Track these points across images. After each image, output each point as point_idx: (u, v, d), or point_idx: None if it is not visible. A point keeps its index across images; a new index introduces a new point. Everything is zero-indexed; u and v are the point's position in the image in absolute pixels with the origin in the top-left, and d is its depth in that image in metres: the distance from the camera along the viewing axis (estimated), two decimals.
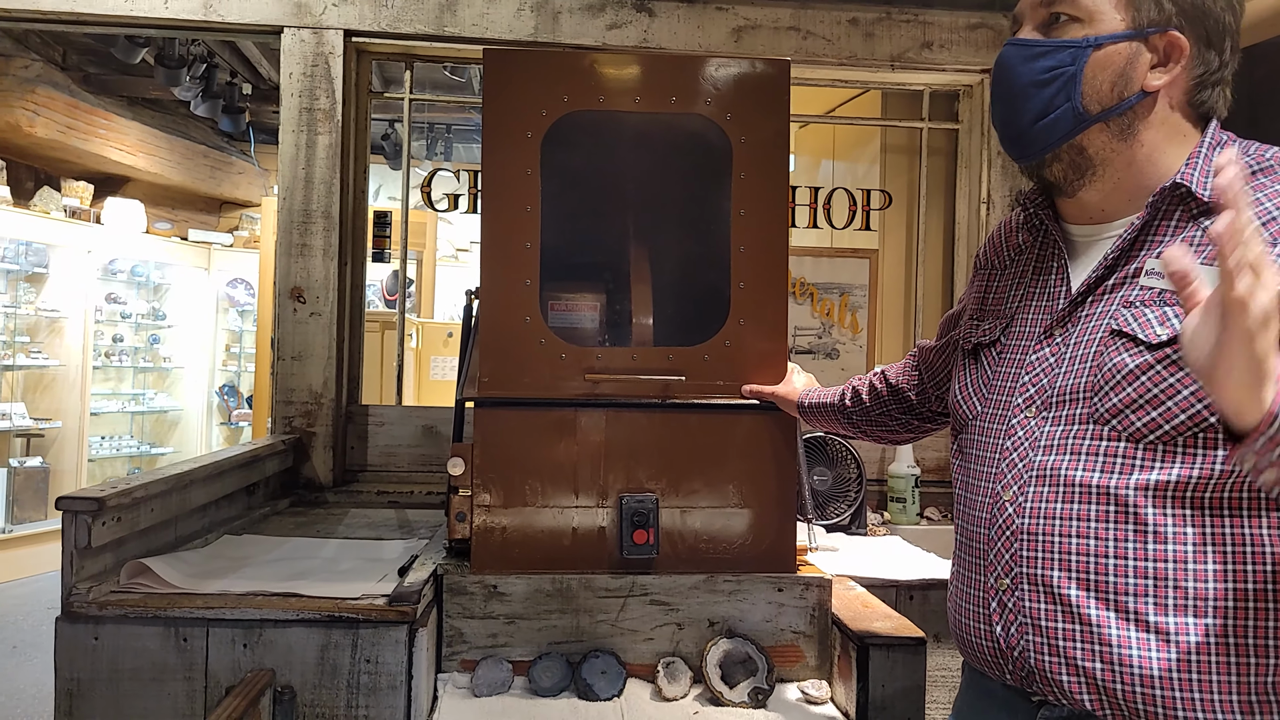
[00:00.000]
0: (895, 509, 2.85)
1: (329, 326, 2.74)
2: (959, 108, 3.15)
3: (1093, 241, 1.20)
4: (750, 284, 1.84)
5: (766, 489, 1.83)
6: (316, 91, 2.75)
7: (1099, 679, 1.06)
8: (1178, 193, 1.11)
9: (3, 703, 3.88)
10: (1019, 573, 1.12)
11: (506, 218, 1.80)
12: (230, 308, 8.32)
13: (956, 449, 1.32)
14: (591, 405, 1.81)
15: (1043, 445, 1.13)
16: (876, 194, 3.18)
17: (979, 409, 1.26)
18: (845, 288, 3.16)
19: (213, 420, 8.25)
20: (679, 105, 1.84)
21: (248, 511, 2.36)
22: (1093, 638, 1.06)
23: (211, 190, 8.61)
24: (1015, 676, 1.14)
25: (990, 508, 1.17)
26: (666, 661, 1.74)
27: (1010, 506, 1.14)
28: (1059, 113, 1.14)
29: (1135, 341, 1.07)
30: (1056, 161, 1.17)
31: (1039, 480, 1.12)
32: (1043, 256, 1.27)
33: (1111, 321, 1.10)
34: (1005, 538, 1.14)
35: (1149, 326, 1.06)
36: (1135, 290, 1.10)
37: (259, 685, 1.47)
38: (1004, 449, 1.18)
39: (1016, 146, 1.20)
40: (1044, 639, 1.10)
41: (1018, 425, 1.17)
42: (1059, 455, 1.11)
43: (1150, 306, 1.08)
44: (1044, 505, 1.11)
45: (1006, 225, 1.37)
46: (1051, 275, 1.23)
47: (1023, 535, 1.12)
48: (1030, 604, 1.11)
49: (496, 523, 1.78)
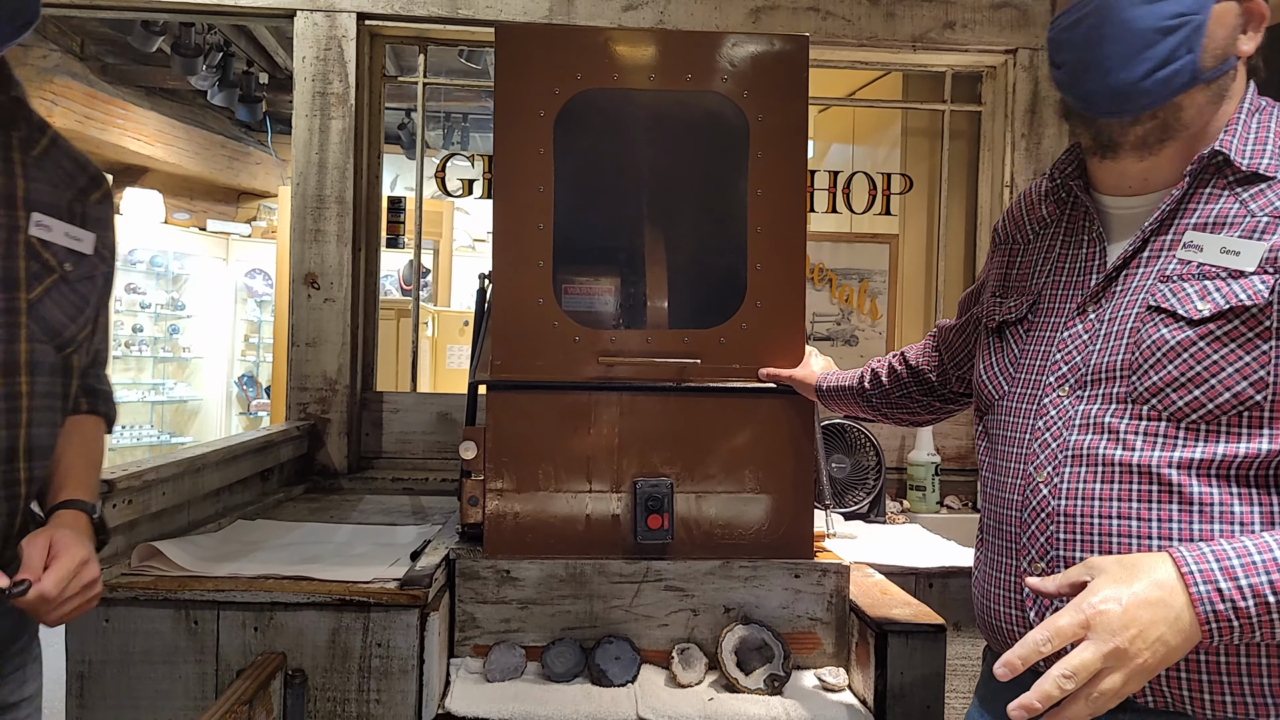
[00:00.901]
0: (915, 497, 2.81)
1: (343, 313, 2.73)
2: (982, 90, 3.09)
3: (1127, 213, 1.15)
4: (767, 265, 1.80)
5: (783, 474, 1.80)
6: (330, 75, 2.73)
7: None
8: (1215, 160, 1.07)
9: None
10: (1055, 556, 1.08)
11: (519, 198, 1.77)
12: (249, 298, 8.35)
13: (982, 430, 1.28)
14: (605, 389, 1.78)
15: (1077, 424, 1.09)
16: (897, 178, 3.13)
17: (1006, 388, 1.22)
18: (865, 273, 3.11)
19: (232, 410, 8.30)
20: (695, 83, 1.81)
21: (262, 497, 2.36)
22: None
23: (229, 180, 8.63)
24: (1049, 662, 1.10)
25: (1023, 489, 1.13)
26: (681, 648, 1.72)
27: (1045, 488, 1.10)
28: (1179, 65, 1.04)
29: (1175, 317, 1.03)
30: (1151, 120, 1.08)
31: (1075, 460, 1.08)
32: (1072, 229, 1.22)
33: (1149, 297, 1.06)
34: (1040, 520, 1.10)
35: (1189, 301, 1.03)
36: (1172, 263, 1.06)
37: (269, 668, 1.46)
38: (1035, 429, 1.13)
39: (1116, 100, 1.07)
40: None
41: (1050, 404, 1.13)
42: (1095, 434, 1.07)
43: (1189, 281, 1.04)
44: (1081, 485, 1.07)
45: (1028, 197, 1.32)
46: (1084, 249, 1.18)
47: (1059, 517, 1.08)
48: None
49: (509, 507, 1.76)
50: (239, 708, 1.31)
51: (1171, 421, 1.03)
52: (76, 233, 1.34)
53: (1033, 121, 2.91)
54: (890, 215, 3.13)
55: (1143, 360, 1.04)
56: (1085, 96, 1.11)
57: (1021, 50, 2.90)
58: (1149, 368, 1.04)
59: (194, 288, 8.09)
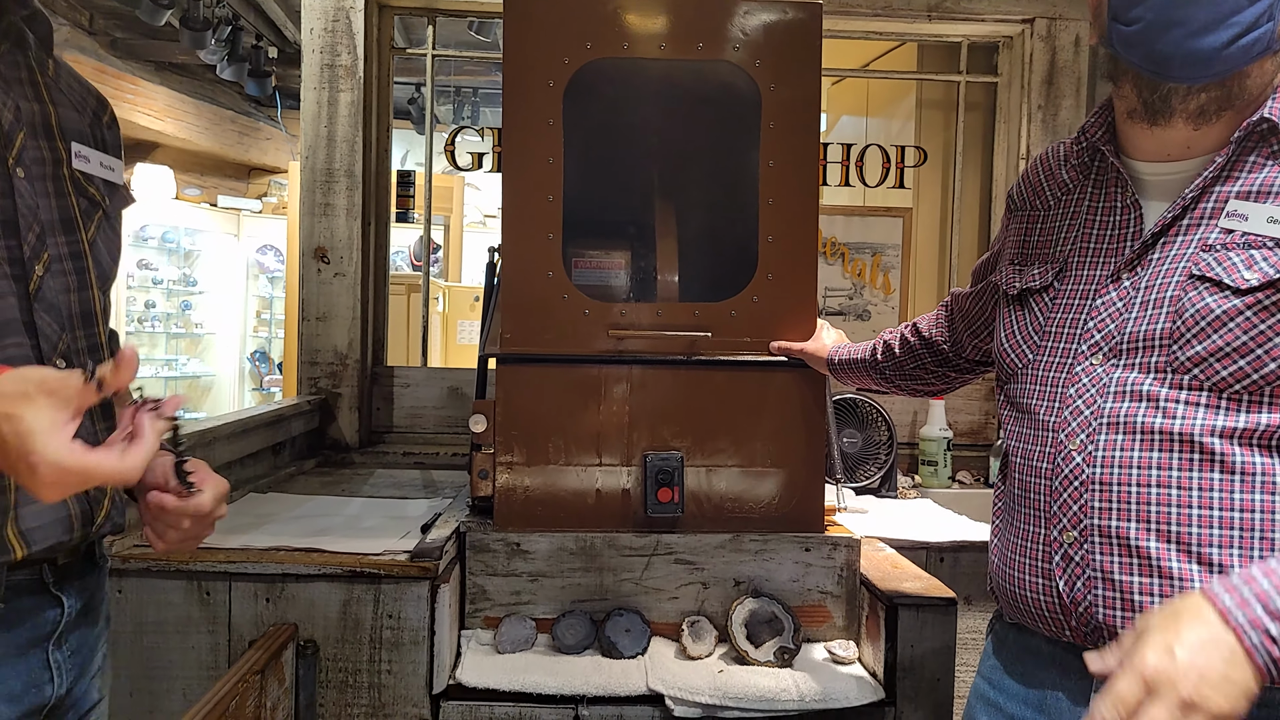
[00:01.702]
0: (926, 472, 2.80)
1: (353, 287, 2.72)
2: (998, 60, 3.05)
3: (1164, 180, 1.12)
4: (779, 238, 1.79)
5: (794, 448, 1.79)
6: (338, 47, 2.71)
7: None
8: (1261, 128, 1.04)
9: None
10: (1088, 524, 1.07)
11: (528, 170, 1.76)
12: (260, 274, 8.36)
13: (1005, 400, 1.25)
14: (615, 362, 1.77)
15: (1113, 392, 1.07)
16: (911, 151, 3.09)
17: (1030, 357, 1.19)
18: (877, 247, 3.09)
19: (245, 386, 8.33)
20: (706, 52, 1.78)
21: (274, 470, 2.36)
22: (1172, 590, 1.01)
23: (240, 156, 8.62)
24: (1077, 633, 1.09)
25: (1052, 458, 1.11)
26: (691, 620, 1.72)
27: (1079, 456, 1.08)
28: (1260, 32, 1.01)
29: (1220, 286, 1.00)
30: (1218, 89, 1.04)
31: (1111, 428, 1.06)
32: (1100, 195, 1.18)
33: (1191, 265, 1.03)
34: (1073, 488, 1.08)
35: (1235, 271, 1.00)
36: (1215, 232, 1.04)
37: (281, 639, 1.46)
38: (1066, 396, 1.11)
39: (1193, 65, 1.02)
40: (1117, 593, 1.05)
41: (1082, 372, 1.10)
42: (1133, 402, 1.05)
43: (1234, 250, 1.01)
44: (1118, 454, 1.05)
45: (1045, 162, 1.28)
46: (1115, 215, 1.15)
47: (1094, 485, 1.06)
48: (1101, 557, 1.06)
49: (519, 480, 1.76)
50: (251, 677, 1.32)
51: (1214, 391, 1.01)
52: (109, 161, 1.21)
53: (1050, 93, 2.87)
54: (904, 188, 3.09)
55: (1185, 330, 1.02)
56: (1159, 58, 1.04)
57: (1039, 20, 2.85)
58: (1192, 337, 1.02)
59: (206, 264, 8.09)
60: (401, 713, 1.55)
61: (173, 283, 7.76)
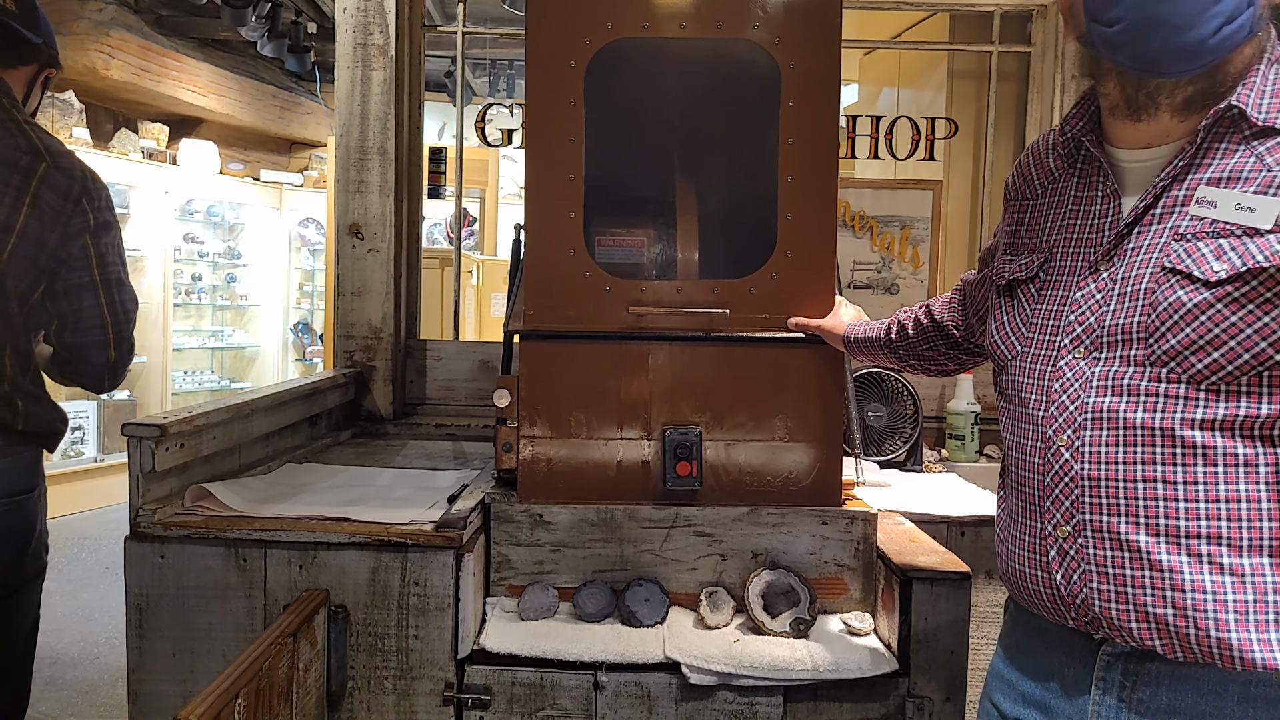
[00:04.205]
0: (954, 446, 2.80)
1: (387, 262, 2.78)
2: (1031, 30, 3.00)
3: (1139, 167, 1.12)
4: (798, 215, 1.80)
5: (812, 422, 1.82)
6: (370, 26, 2.75)
7: (1170, 624, 1.02)
8: (1230, 114, 1.04)
9: (98, 619, 4.14)
10: (1081, 520, 1.08)
11: (550, 150, 1.79)
12: (302, 247, 8.51)
13: (999, 391, 1.27)
14: (636, 338, 1.81)
15: (1095, 386, 1.08)
16: (942, 122, 3.07)
17: (1019, 349, 1.20)
18: (907, 220, 3.07)
19: (288, 356, 8.52)
20: (726, 30, 1.79)
21: (310, 441, 2.44)
22: (1164, 583, 1.03)
23: (281, 131, 8.75)
24: (1078, 622, 1.11)
25: (1043, 453, 1.12)
26: (710, 591, 1.76)
27: (1066, 452, 1.09)
28: (1242, 20, 1.00)
29: (1191, 279, 1.01)
30: (1206, 80, 1.03)
31: (1095, 423, 1.07)
32: (1083, 185, 1.18)
33: (1163, 257, 1.04)
34: (1063, 485, 1.10)
35: (1205, 262, 1.00)
36: (1185, 220, 1.04)
37: (313, 604, 1.53)
38: (1052, 391, 1.12)
39: (1181, 59, 1.01)
40: (1110, 586, 1.06)
41: (1065, 366, 1.11)
42: (1114, 397, 1.06)
43: (1203, 239, 1.01)
44: (1103, 450, 1.06)
45: (1036, 152, 1.29)
46: (1095, 205, 1.15)
47: (1083, 481, 1.08)
48: (1095, 551, 1.07)
49: (542, 453, 1.81)
50: (284, 640, 1.39)
51: (1191, 383, 1.02)
52: None
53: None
54: (934, 161, 3.07)
55: (1159, 323, 1.03)
56: (1146, 57, 1.02)
57: None
58: (1166, 331, 1.02)
59: (249, 237, 8.26)
60: (428, 676, 1.62)
61: (218, 255, 7.93)
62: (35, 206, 1.74)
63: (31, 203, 1.74)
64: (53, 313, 1.83)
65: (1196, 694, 1.04)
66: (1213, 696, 1.03)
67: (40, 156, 1.77)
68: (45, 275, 1.79)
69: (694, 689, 1.62)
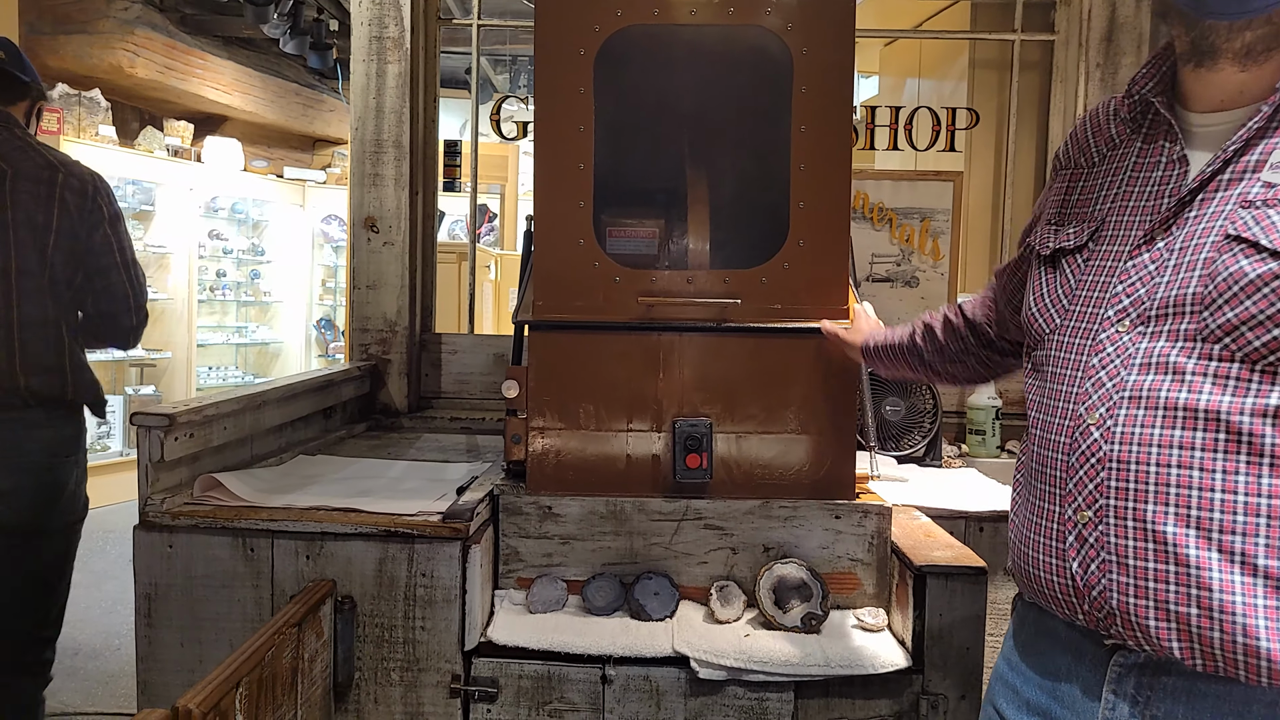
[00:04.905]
0: (974, 441, 2.76)
1: (401, 256, 2.78)
2: (1055, 17, 2.95)
3: (1209, 131, 1.04)
4: (811, 204, 1.77)
5: (825, 415, 1.79)
6: (385, 19, 2.75)
7: (1193, 625, 0.94)
8: None
9: (120, 611, 4.18)
10: (1104, 505, 1.00)
11: (559, 139, 1.77)
12: (325, 243, 8.55)
13: (1031, 367, 1.18)
14: (646, 329, 1.79)
15: (1138, 364, 0.99)
16: (963, 113, 3.02)
17: (1058, 321, 1.11)
18: (927, 212, 3.02)
19: (311, 352, 8.57)
20: (737, 17, 1.77)
21: (324, 434, 2.44)
22: (1189, 579, 0.94)
23: (304, 128, 8.80)
24: (1090, 617, 1.03)
25: (1071, 431, 1.04)
26: (720, 585, 1.74)
27: (1096, 431, 1.01)
28: None
29: (1257, 248, 0.93)
30: (1265, 26, 0.97)
31: (1132, 402, 0.98)
32: (1148, 150, 1.10)
33: (1228, 224, 0.96)
34: (1089, 466, 1.01)
35: (1274, 230, 0.92)
36: (1256, 187, 0.96)
37: (319, 594, 1.53)
38: (1089, 367, 1.04)
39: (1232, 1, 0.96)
40: (1130, 578, 0.98)
41: (1107, 340, 1.03)
42: (1158, 375, 0.98)
43: (1275, 207, 0.93)
44: (1138, 430, 0.98)
45: (1094, 118, 1.21)
46: (1159, 171, 1.06)
47: (1111, 463, 0.99)
48: (1116, 539, 0.98)
49: (551, 445, 1.80)
50: (288, 630, 1.38)
51: (1245, 363, 0.94)
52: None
53: (1109, 50, 2.77)
54: (955, 151, 3.03)
55: (1217, 295, 0.95)
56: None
57: None
58: (1224, 303, 0.94)
59: (273, 234, 8.31)
60: (435, 667, 1.61)
61: (242, 252, 7.99)
62: (63, 208, 2.15)
63: (60, 206, 2.14)
64: (86, 289, 2.22)
65: (1216, 713, 0.96)
66: (1234, 718, 0.95)
67: (56, 169, 2.17)
68: (80, 260, 2.19)
69: (703, 684, 1.60)
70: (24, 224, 2.09)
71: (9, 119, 2.21)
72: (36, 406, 2.12)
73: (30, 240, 2.10)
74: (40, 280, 2.12)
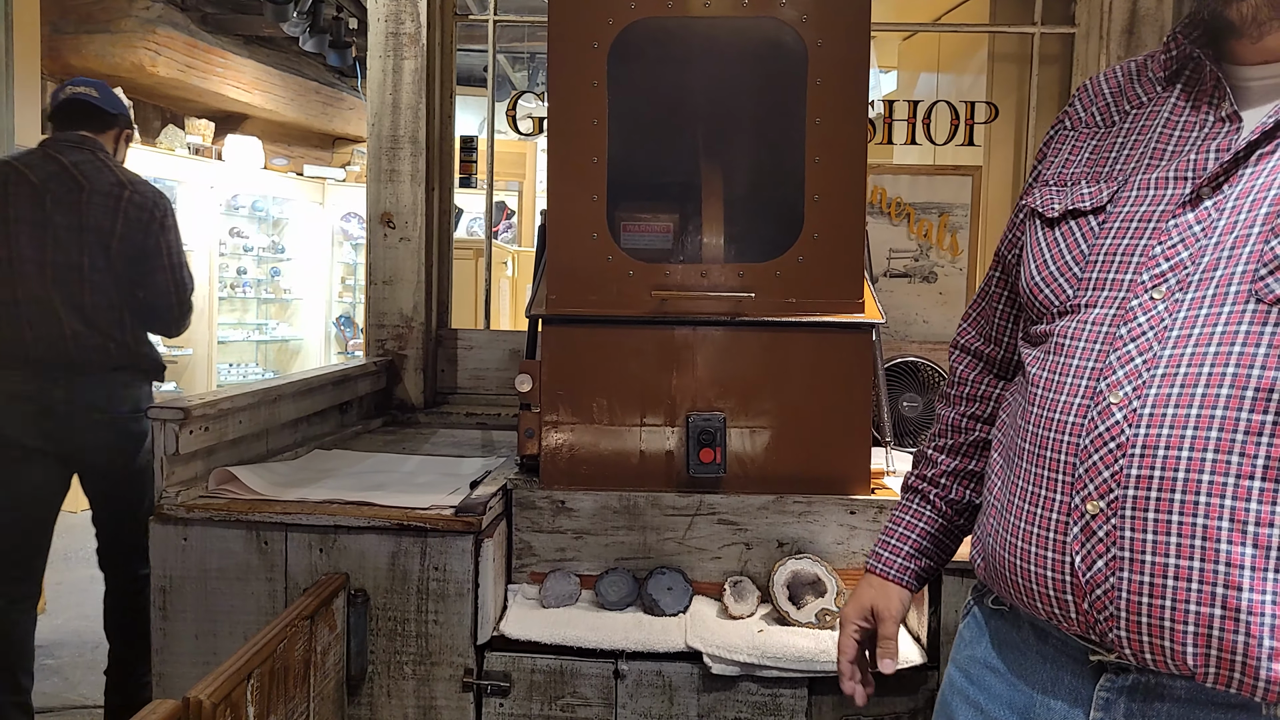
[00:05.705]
0: None
1: (418, 251, 2.78)
2: (1075, 9, 2.91)
3: (1261, 85, 0.95)
4: (826, 197, 1.76)
5: (840, 410, 1.78)
6: (402, 15, 2.75)
7: (1216, 630, 0.83)
8: None
9: None
10: (1120, 496, 0.88)
11: (573, 132, 1.76)
12: (345, 241, 8.59)
13: (1027, 342, 1.07)
14: (659, 323, 1.78)
15: (1175, 335, 0.88)
16: (982, 107, 2.99)
17: (1070, 291, 1.00)
18: (945, 207, 3.00)
19: (331, 349, 8.62)
20: (752, 9, 1.76)
21: (341, 428, 2.45)
22: (1215, 577, 0.83)
23: (324, 126, 8.84)
24: (1083, 621, 0.91)
25: (1084, 411, 0.92)
26: (734, 580, 1.73)
27: (1119, 411, 0.89)
28: None
29: None
30: None
31: (1166, 380, 0.87)
32: (1183, 109, 1.01)
33: None
34: (1106, 450, 0.89)
35: None
36: None
37: (332, 587, 1.53)
38: (1116, 338, 0.92)
39: None
40: (1145, 576, 0.86)
41: (1139, 309, 0.92)
42: (1200, 347, 0.87)
43: None
44: (1172, 412, 0.86)
45: (1114, 77, 1.10)
46: (1204, 129, 0.97)
47: (1135, 450, 0.88)
48: (1132, 534, 0.87)
49: (564, 439, 1.79)
50: (300, 622, 1.39)
51: None
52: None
53: (1130, 43, 2.73)
54: (974, 146, 3.00)
55: (1276, 256, 0.85)
56: None
57: None
58: None
59: (293, 231, 8.36)
60: (448, 661, 1.61)
61: (262, 250, 8.05)
62: (126, 219, 2.65)
63: (124, 216, 2.64)
64: (140, 284, 2.70)
65: None
66: None
67: (124, 186, 2.67)
68: (136, 260, 2.67)
69: (716, 679, 1.59)
70: (93, 229, 2.60)
71: (96, 145, 2.73)
72: (119, 369, 2.64)
73: (97, 242, 2.60)
74: (106, 274, 2.62)
